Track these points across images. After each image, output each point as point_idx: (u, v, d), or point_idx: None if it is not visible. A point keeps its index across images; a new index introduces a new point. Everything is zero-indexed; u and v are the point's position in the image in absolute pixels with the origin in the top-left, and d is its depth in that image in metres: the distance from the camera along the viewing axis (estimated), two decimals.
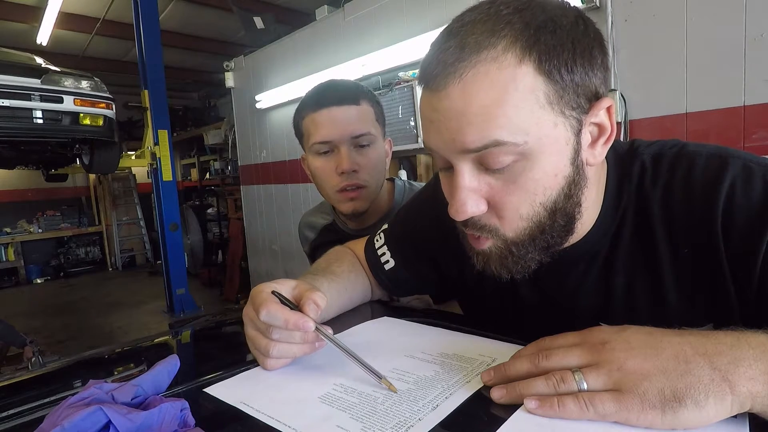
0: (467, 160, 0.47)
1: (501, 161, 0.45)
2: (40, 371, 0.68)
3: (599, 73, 0.47)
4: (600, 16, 1.82)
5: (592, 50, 0.46)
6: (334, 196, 1.00)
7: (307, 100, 0.98)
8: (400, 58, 2.56)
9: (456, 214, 0.49)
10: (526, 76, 0.43)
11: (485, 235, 0.50)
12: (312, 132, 0.96)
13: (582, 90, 0.46)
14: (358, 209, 0.99)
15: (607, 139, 0.49)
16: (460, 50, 0.44)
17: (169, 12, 4.85)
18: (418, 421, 0.40)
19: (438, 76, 0.45)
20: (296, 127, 1.03)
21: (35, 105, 2.97)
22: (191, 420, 0.40)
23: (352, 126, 0.94)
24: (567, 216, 0.50)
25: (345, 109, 0.94)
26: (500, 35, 0.43)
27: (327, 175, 0.98)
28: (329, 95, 0.95)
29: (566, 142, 0.46)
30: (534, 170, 0.46)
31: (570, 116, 0.46)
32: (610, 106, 0.48)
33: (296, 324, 0.50)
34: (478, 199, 0.48)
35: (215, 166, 6.04)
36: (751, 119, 1.52)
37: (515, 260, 0.51)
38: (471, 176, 0.48)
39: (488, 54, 0.43)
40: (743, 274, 0.47)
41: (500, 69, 0.43)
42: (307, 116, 0.97)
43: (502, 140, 0.44)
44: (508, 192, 0.47)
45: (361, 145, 0.96)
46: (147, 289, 5.76)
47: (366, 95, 0.99)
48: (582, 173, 0.49)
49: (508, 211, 0.48)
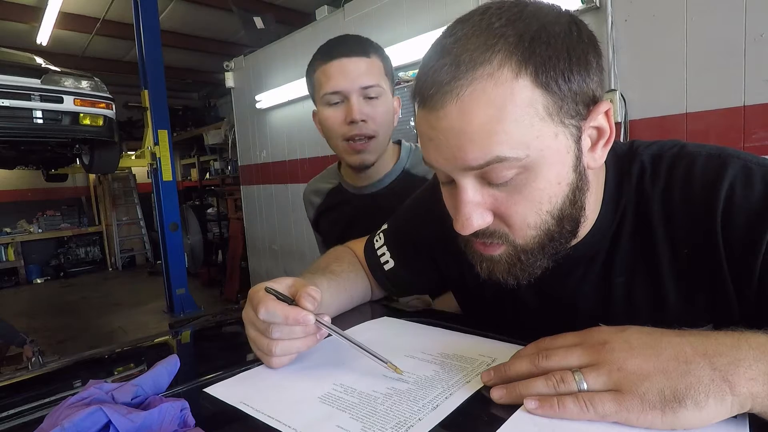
0: (470, 176, 0.47)
1: (504, 176, 0.45)
2: (40, 371, 0.68)
3: (595, 77, 0.47)
4: (600, 16, 1.82)
5: (587, 56, 0.46)
6: (342, 146, 1.00)
7: (318, 54, 0.99)
8: (400, 58, 2.56)
9: (462, 228, 0.48)
10: (524, 90, 0.43)
11: (497, 241, 0.50)
12: (323, 83, 0.97)
13: (580, 97, 0.45)
14: (366, 161, 1.00)
15: (607, 141, 0.49)
16: (456, 68, 0.43)
17: (169, 12, 4.85)
18: (418, 421, 0.40)
19: (434, 95, 0.45)
20: (308, 81, 1.04)
21: (35, 105, 2.98)
22: (191, 420, 0.40)
23: (362, 77, 0.95)
24: (573, 221, 0.50)
25: (355, 61, 0.95)
26: (495, 50, 0.43)
27: (336, 124, 0.98)
28: (340, 47, 0.96)
29: (567, 151, 0.46)
30: (538, 181, 0.46)
31: (570, 125, 0.46)
32: (608, 108, 0.48)
33: (296, 318, 0.50)
34: (483, 212, 0.48)
35: (215, 166, 6.04)
36: (751, 119, 1.52)
37: (523, 268, 0.50)
38: (474, 191, 0.47)
39: (484, 70, 0.43)
40: (743, 275, 0.47)
41: (497, 85, 0.42)
42: (318, 68, 0.98)
43: (503, 156, 0.44)
44: (513, 202, 0.47)
45: (370, 97, 0.97)
46: (147, 289, 5.76)
47: (376, 49, 1.00)
48: (584, 178, 0.49)
49: (516, 221, 0.48)
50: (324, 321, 0.52)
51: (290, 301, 0.53)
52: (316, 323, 0.51)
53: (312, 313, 0.51)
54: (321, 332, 0.53)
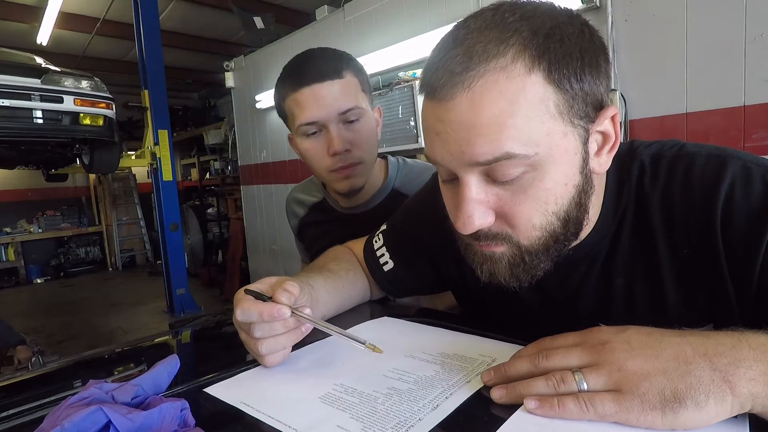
0: (474, 173, 0.46)
1: (510, 174, 0.44)
2: (40, 371, 0.68)
3: (604, 81, 0.47)
4: (600, 16, 1.82)
5: (598, 59, 0.46)
6: (328, 177, 0.94)
7: (285, 79, 0.91)
8: (400, 58, 2.57)
9: (463, 227, 0.47)
10: (536, 86, 0.42)
11: (499, 242, 0.49)
12: (296, 113, 0.89)
13: (590, 99, 0.45)
14: (356, 186, 0.94)
15: (612, 147, 0.49)
16: (468, 59, 0.42)
17: (169, 12, 4.84)
18: (418, 421, 0.40)
19: (445, 86, 0.44)
20: (278, 108, 0.96)
21: (35, 105, 2.97)
22: (191, 420, 0.40)
23: (339, 102, 0.87)
24: (577, 224, 0.50)
25: (328, 85, 0.87)
26: (508, 43, 0.42)
27: (319, 157, 0.91)
28: (309, 71, 0.87)
29: (576, 152, 0.46)
30: (545, 180, 0.45)
31: (578, 125, 0.46)
32: (615, 114, 0.48)
33: (271, 314, 0.50)
34: (485, 211, 0.47)
35: (215, 166, 6.04)
36: (751, 119, 1.52)
37: (526, 269, 0.50)
38: (478, 188, 0.46)
39: (497, 63, 0.42)
40: (743, 275, 0.47)
41: (510, 78, 0.42)
42: (288, 96, 0.90)
43: (513, 153, 0.43)
44: (518, 202, 0.46)
45: (349, 121, 0.89)
46: (147, 289, 5.75)
47: (348, 64, 0.91)
48: (590, 181, 0.49)
49: (521, 221, 0.47)
50: (302, 313, 0.51)
51: (267, 298, 0.53)
52: (293, 316, 0.51)
53: (287, 306, 0.50)
54: (306, 326, 0.52)
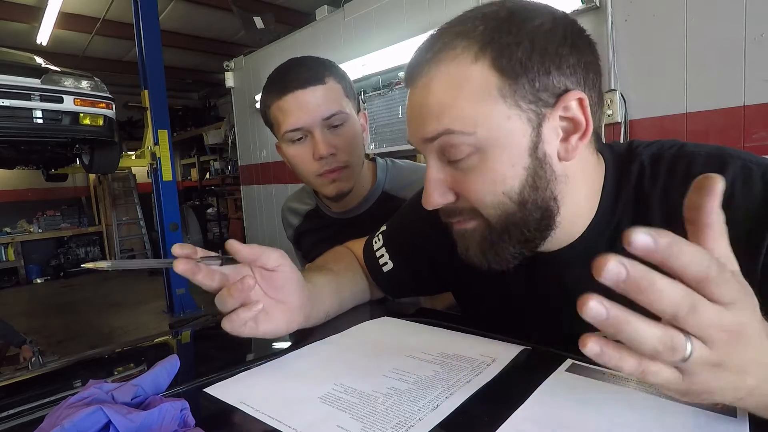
0: (432, 151, 0.52)
1: (458, 152, 0.49)
2: (40, 371, 0.68)
3: (569, 70, 0.48)
4: (600, 16, 1.82)
5: (558, 49, 0.47)
6: (315, 182, 0.96)
7: (269, 87, 0.93)
8: (399, 58, 2.57)
9: (425, 203, 0.54)
10: (480, 72, 0.47)
11: (467, 217, 0.53)
12: (281, 120, 0.92)
13: (541, 85, 0.47)
14: (343, 189, 0.95)
15: (583, 134, 0.49)
16: (432, 52, 0.50)
17: (169, 12, 4.85)
18: (418, 421, 0.40)
19: (412, 74, 0.52)
20: (264, 117, 0.98)
21: (35, 105, 2.97)
22: (191, 420, 0.40)
23: (322, 107, 0.89)
24: (541, 209, 0.50)
25: (311, 91, 0.89)
26: (465, 37, 0.48)
27: (305, 162, 0.94)
28: (292, 79, 0.90)
29: (522, 134, 0.48)
30: (489, 160, 0.49)
31: (527, 109, 0.48)
32: (581, 100, 0.48)
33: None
34: (444, 190, 0.52)
35: (215, 166, 6.05)
36: (751, 119, 1.53)
37: (491, 246, 0.52)
38: (437, 169, 0.52)
39: (449, 53, 0.49)
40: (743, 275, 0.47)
41: (458, 66, 0.48)
42: (272, 104, 0.92)
43: (452, 129, 0.48)
44: (469, 181, 0.51)
45: (334, 126, 0.92)
46: (147, 289, 5.75)
47: (331, 71, 0.93)
48: (547, 166, 0.49)
49: (474, 200, 0.51)
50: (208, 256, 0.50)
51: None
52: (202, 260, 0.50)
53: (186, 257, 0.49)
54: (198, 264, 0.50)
